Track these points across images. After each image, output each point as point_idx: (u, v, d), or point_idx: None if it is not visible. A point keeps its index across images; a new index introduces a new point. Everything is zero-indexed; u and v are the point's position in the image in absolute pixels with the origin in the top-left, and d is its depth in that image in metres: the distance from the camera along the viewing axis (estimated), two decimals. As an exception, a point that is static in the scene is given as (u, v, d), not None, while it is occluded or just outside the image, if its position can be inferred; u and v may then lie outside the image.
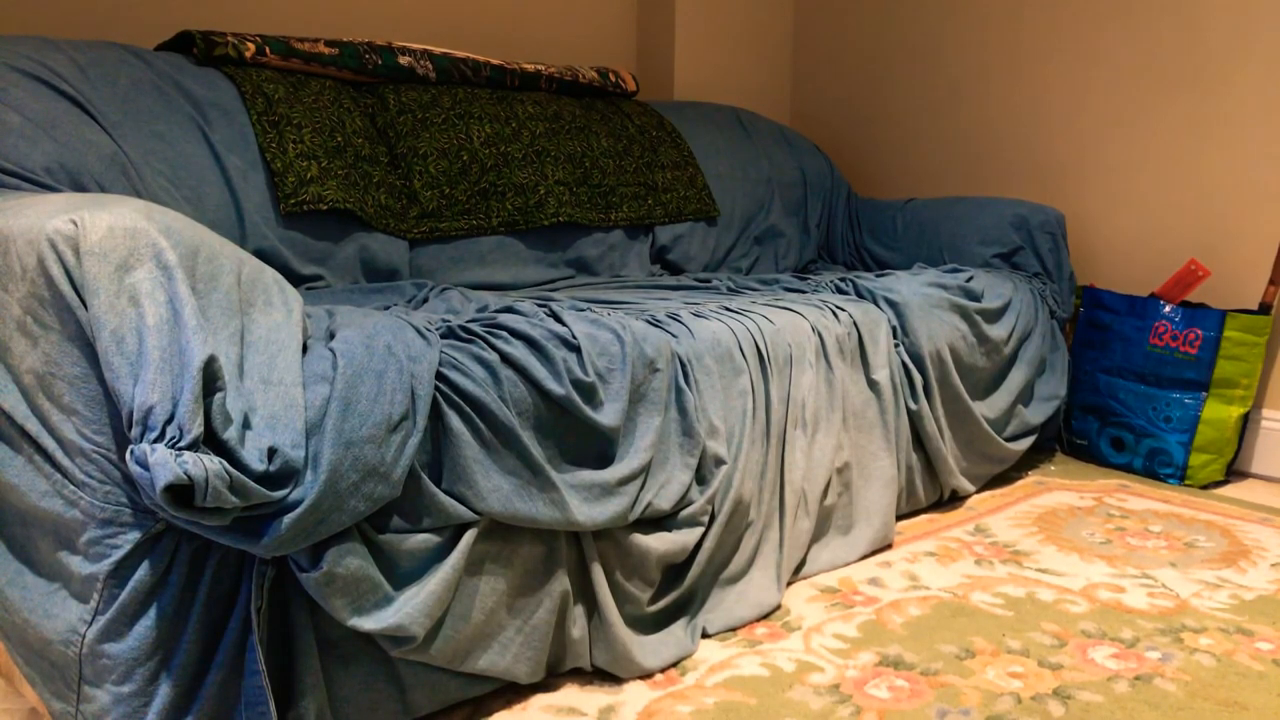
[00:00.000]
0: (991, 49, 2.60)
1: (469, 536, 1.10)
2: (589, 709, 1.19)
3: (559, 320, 1.29)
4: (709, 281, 2.05)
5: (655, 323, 1.44)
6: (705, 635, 1.38)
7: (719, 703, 1.20)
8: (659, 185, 2.30)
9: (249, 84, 1.77)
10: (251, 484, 0.88)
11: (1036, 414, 2.10)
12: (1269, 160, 2.13)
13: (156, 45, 1.89)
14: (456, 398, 1.10)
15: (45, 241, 0.89)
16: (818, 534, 1.62)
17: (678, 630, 1.34)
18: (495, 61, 2.16)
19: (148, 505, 0.91)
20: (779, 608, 1.47)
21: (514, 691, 1.23)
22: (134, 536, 0.92)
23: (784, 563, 1.49)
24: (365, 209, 1.80)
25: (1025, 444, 2.06)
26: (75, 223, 0.89)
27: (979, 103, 2.64)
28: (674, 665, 1.30)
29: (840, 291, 1.90)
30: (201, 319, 0.90)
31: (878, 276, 1.96)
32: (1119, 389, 2.20)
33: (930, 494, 1.89)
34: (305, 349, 1.04)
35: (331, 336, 1.09)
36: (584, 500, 1.19)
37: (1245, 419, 2.14)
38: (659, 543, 1.29)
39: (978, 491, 2.04)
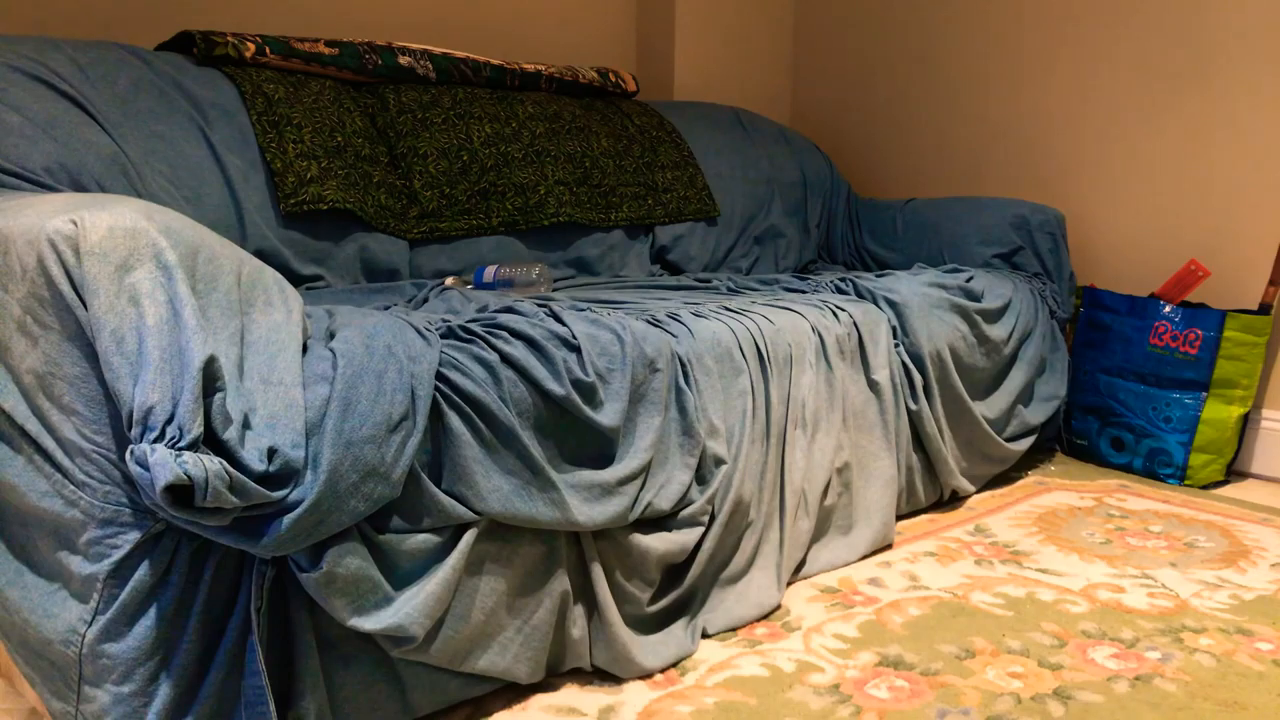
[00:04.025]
0: (992, 49, 2.60)
1: (469, 536, 1.10)
2: (589, 709, 1.19)
3: (559, 320, 1.29)
4: (709, 281, 2.05)
5: (655, 323, 1.44)
6: (705, 635, 1.38)
7: (719, 703, 1.20)
8: (659, 185, 2.30)
9: (249, 84, 1.77)
10: (251, 484, 0.88)
11: (1036, 414, 2.10)
12: (1269, 160, 2.13)
13: (156, 45, 1.89)
14: (457, 398, 1.10)
15: (45, 241, 0.89)
16: (818, 534, 1.62)
17: (678, 630, 1.34)
18: (495, 61, 2.16)
19: (148, 505, 0.91)
20: (779, 608, 1.47)
21: (514, 691, 1.23)
22: (134, 536, 0.92)
23: (784, 563, 1.49)
24: (365, 209, 1.80)
25: (1025, 444, 2.06)
26: (75, 223, 0.89)
27: (979, 103, 2.64)
28: (674, 665, 1.30)
29: (840, 291, 1.89)
30: (201, 319, 0.90)
31: (878, 276, 1.96)
32: (1119, 389, 2.20)
33: (930, 494, 1.89)
34: (305, 349, 1.04)
35: (331, 336, 1.09)
36: (584, 500, 1.19)
37: (1245, 419, 2.14)
38: (659, 543, 1.29)
39: (978, 491, 2.04)
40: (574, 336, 1.24)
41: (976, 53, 2.63)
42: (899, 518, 1.87)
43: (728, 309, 1.59)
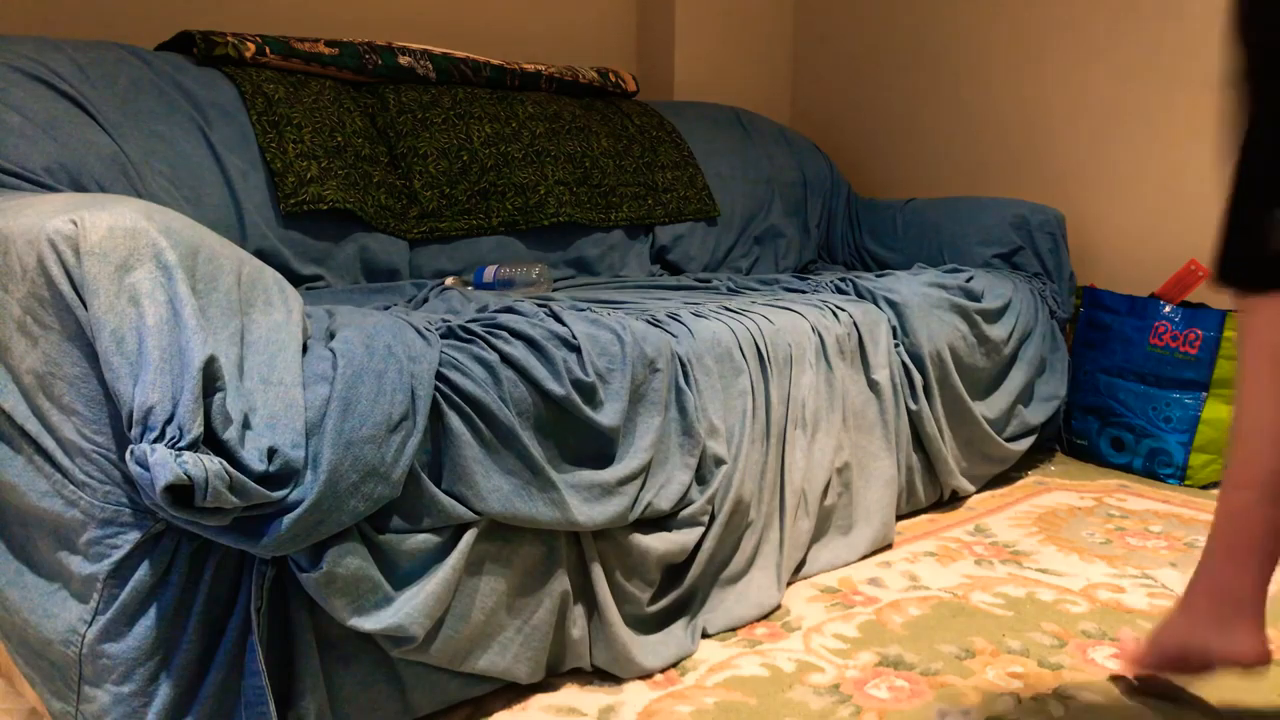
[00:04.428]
0: (992, 49, 2.60)
1: (469, 536, 1.10)
2: (589, 709, 1.19)
3: (559, 320, 1.29)
4: (709, 281, 2.05)
5: (655, 323, 1.44)
6: (705, 635, 1.38)
7: (719, 703, 1.20)
8: (659, 185, 2.30)
9: (249, 84, 1.77)
10: (251, 484, 0.88)
11: (1036, 414, 2.10)
12: (1269, 160, 2.13)
13: (156, 45, 1.89)
14: (457, 398, 1.10)
15: (45, 241, 0.89)
16: (818, 534, 1.62)
17: (678, 630, 1.34)
18: (495, 61, 2.16)
19: (148, 505, 0.91)
20: (779, 608, 1.47)
21: (514, 691, 1.23)
22: (134, 536, 0.92)
23: (784, 563, 1.49)
24: (365, 209, 1.80)
25: (1025, 444, 2.06)
26: (75, 223, 0.89)
27: (979, 103, 2.64)
28: (674, 665, 1.30)
29: (840, 291, 1.89)
30: (201, 319, 0.90)
31: (878, 276, 1.96)
32: (1119, 389, 2.20)
33: (930, 494, 1.89)
34: (305, 349, 1.04)
35: (331, 336, 1.09)
36: (584, 500, 1.19)
37: (1245, 419, 2.14)
38: (659, 543, 1.29)
39: (978, 491, 2.04)
40: (574, 336, 1.24)
41: (977, 52, 2.63)
42: (899, 518, 1.87)
43: (728, 309, 1.59)
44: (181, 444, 0.84)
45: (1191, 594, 1.14)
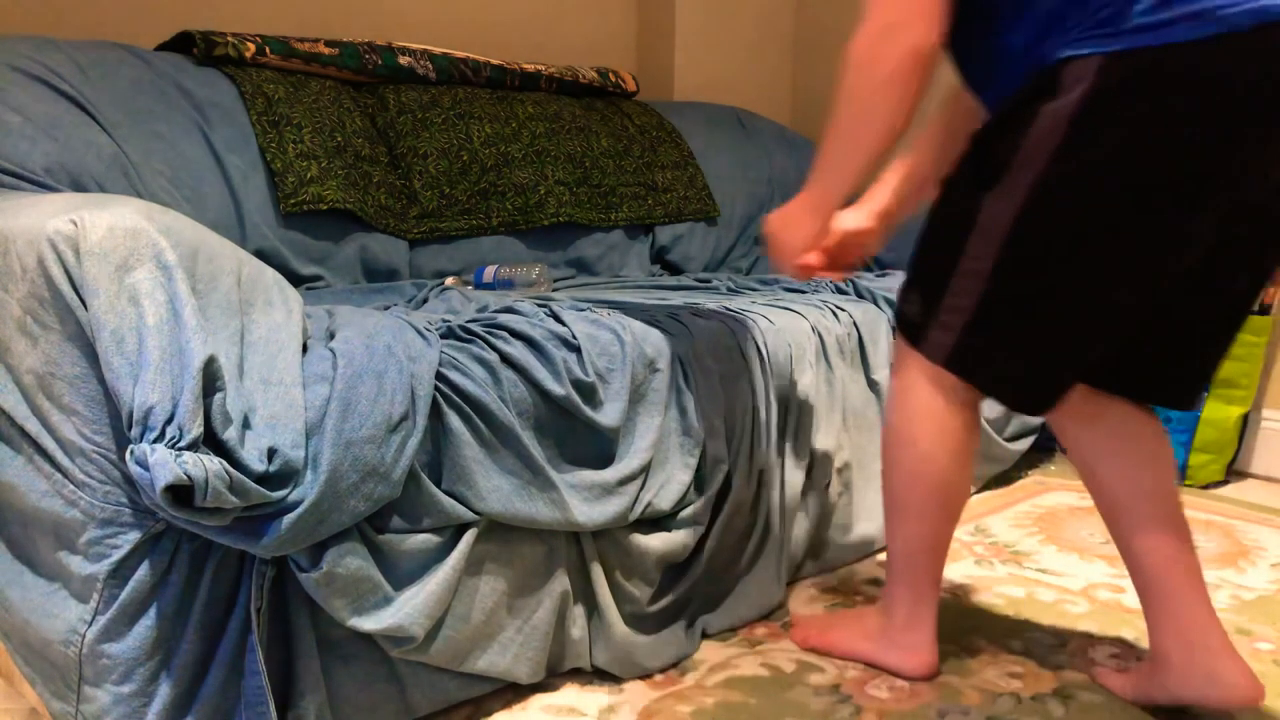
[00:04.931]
0: (991, 49, 2.59)
1: (469, 536, 1.10)
2: (589, 709, 1.19)
3: (559, 320, 1.29)
4: (709, 281, 2.05)
5: (655, 323, 1.44)
6: (705, 635, 1.38)
7: (719, 703, 1.20)
8: (659, 185, 2.30)
9: (249, 84, 1.77)
10: (251, 484, 0.88)
11: (1036, 414, 2.09)
12: (1269, 160, 2.13)
13: (156, 45, 1.89)
14: (456, 398, 1.10)
15: (45, 241, 0.89)
16: (818, 534, 1.62)
17: (678, 630, 1.34)
18: (495, 61, 2.16)
19: (148, 505, 0.91)
20: (779, 607, 1.47)
21: (514, 691, 1.23)
22: (134, 536, 0.92)
23: (784, 563, 1.49)
24: (365, 209, 1.80)
25: (1025, 444, 2.06)
26: (75, 223, 0.89)
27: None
28: (674, 665, 1.30)
29: (840, 291, 1.89)
30: (201, 319, 0.90)
31: (878, 276, 1.96)
32: (1119, 389, 2.20)
33: (930, 494, 1.89)
34: (305, 349, 1.04)
35: (331, 337, 1.09)
36: (584, 500, 1.19)
37: (1245, 419, 2.14)
38: (659, 543, 1.29)
39: (978, 491, 2.04)
40: (574, 336, 1.24)
41: (976, 53, 2.63)
42: (899, 518, 1.86)
43: (728, 309, 1.59)
44: (181, 444, 0.84)
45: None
